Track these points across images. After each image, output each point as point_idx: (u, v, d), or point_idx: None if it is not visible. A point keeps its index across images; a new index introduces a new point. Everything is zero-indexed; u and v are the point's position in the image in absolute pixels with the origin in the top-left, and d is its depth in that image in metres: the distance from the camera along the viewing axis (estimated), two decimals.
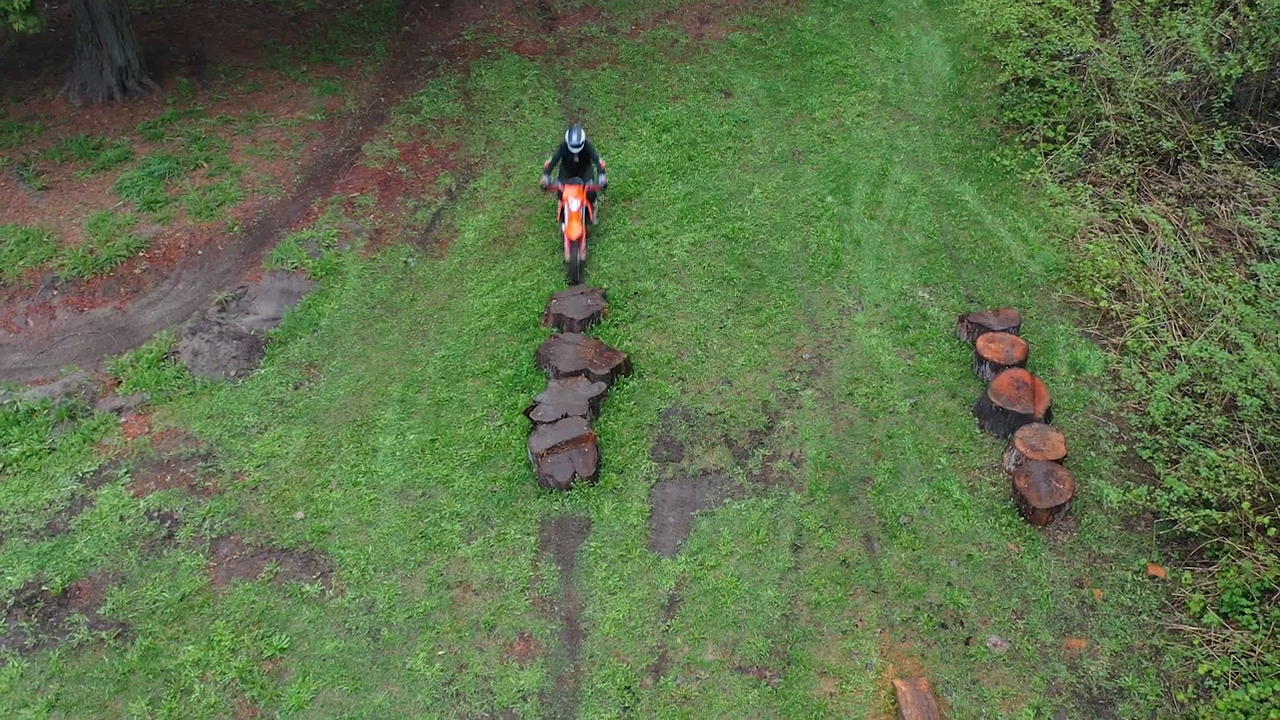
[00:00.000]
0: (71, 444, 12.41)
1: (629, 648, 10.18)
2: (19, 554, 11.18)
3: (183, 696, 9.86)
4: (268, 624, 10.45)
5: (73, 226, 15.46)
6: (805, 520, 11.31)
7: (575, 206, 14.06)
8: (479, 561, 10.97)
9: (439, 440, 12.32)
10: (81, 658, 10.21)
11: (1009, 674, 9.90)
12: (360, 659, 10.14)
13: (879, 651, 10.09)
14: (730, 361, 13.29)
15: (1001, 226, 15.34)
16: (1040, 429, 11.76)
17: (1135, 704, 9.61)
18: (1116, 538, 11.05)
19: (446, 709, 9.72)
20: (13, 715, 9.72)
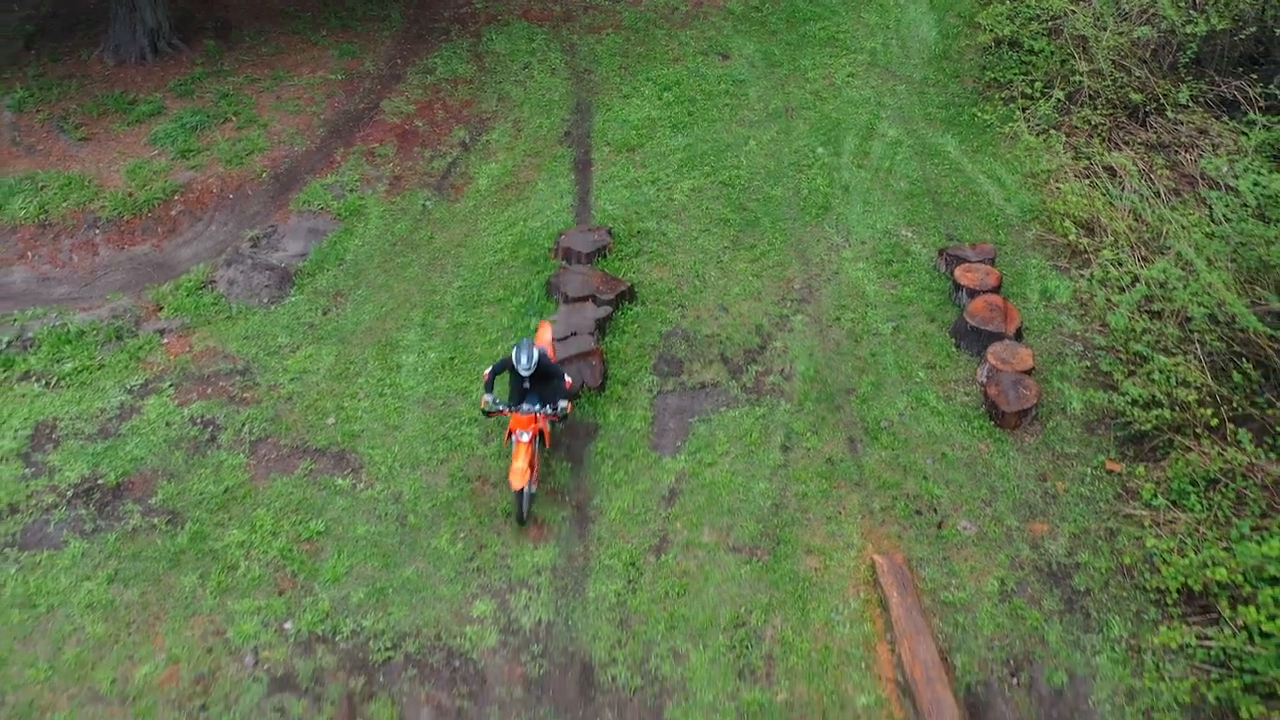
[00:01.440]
0: (119, 361, 13.39)
1: (633, 531, 11.15)
2: (75, 454, 12.15)
3: (230, 571, 10.83)
4: (305, 511, 11.43)
5: (111, 173, 16.43)
6: (794, 425, 12.28)
7: (525, 438, 10.93)
8: (496, 459, 11.94)
9: (457, 358, 13.29)
10: (136, 540, 11.18)
11: (977, 552, 10.88)
12: (389, 540, 11.12)
13: (860, 533, 11.06)
14: (726, 291, 14.25)
15: (980, 173, 16.32)
16: (1010, 345, 12.74)
17: (1090, 576, 10.59)
18: (1078, 439, 12.03)
19: (469, 581, 10.69)
20: (76, 586, 10.70)
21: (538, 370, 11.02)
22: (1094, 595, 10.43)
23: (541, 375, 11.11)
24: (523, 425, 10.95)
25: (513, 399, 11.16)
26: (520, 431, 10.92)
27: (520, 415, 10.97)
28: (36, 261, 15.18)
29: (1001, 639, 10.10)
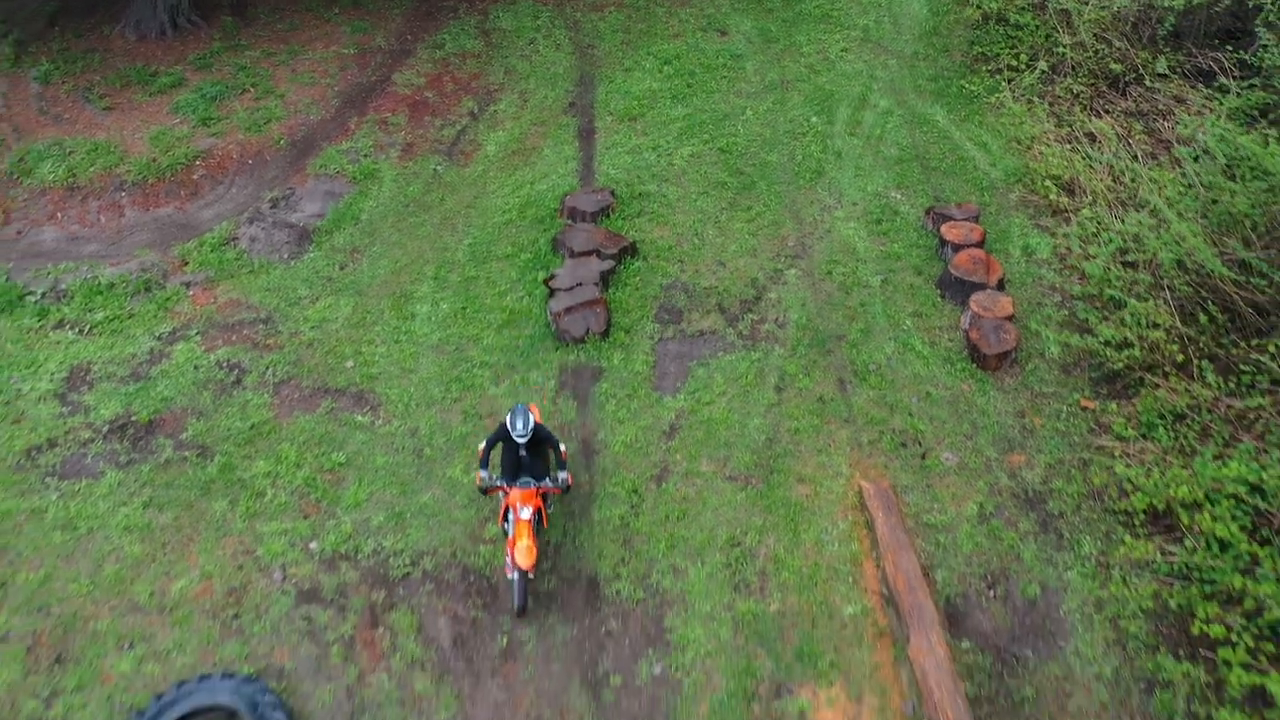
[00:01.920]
0: (148, 310, 14.06)
1: (636, 462, 11.82)
2: (109, 394, 12.82)
3: (257, 498, 11.50)
4: (327, 445, 12.10)
5: (136, 140, 17.10)
6: (787, 368, 12.94)
7: (526, 515, 10.22)
8: (506, 398, 12.61)
9: (469, 308, 13.96)
10: (168, 471, 11.86)
11: (958, 480, 11.55)
12: (407, 470, 11.79)
13: (848, 464, 11.74)
14: (724, 248, 14.91)
15: (967, 140, 16.98)
16: (992, 294, 13.41)
17: (1063, 501, 11.26)
18: (1054, 379, 12.70)
19: (482, 506, 11.36)
20: (114, 511, 11.37)
21: (533, 438, 10.54)
22: (1066, 518, 11.11)
23: (537, 443, 10.65)
24: (523, 500, 10.29)
25: (506, 473, 10.59)
26: (521, 507, 10.23)
27: (519, 490, 10.33)
28: (66, 222, 15.84)
29: (980, 556, 10.77)
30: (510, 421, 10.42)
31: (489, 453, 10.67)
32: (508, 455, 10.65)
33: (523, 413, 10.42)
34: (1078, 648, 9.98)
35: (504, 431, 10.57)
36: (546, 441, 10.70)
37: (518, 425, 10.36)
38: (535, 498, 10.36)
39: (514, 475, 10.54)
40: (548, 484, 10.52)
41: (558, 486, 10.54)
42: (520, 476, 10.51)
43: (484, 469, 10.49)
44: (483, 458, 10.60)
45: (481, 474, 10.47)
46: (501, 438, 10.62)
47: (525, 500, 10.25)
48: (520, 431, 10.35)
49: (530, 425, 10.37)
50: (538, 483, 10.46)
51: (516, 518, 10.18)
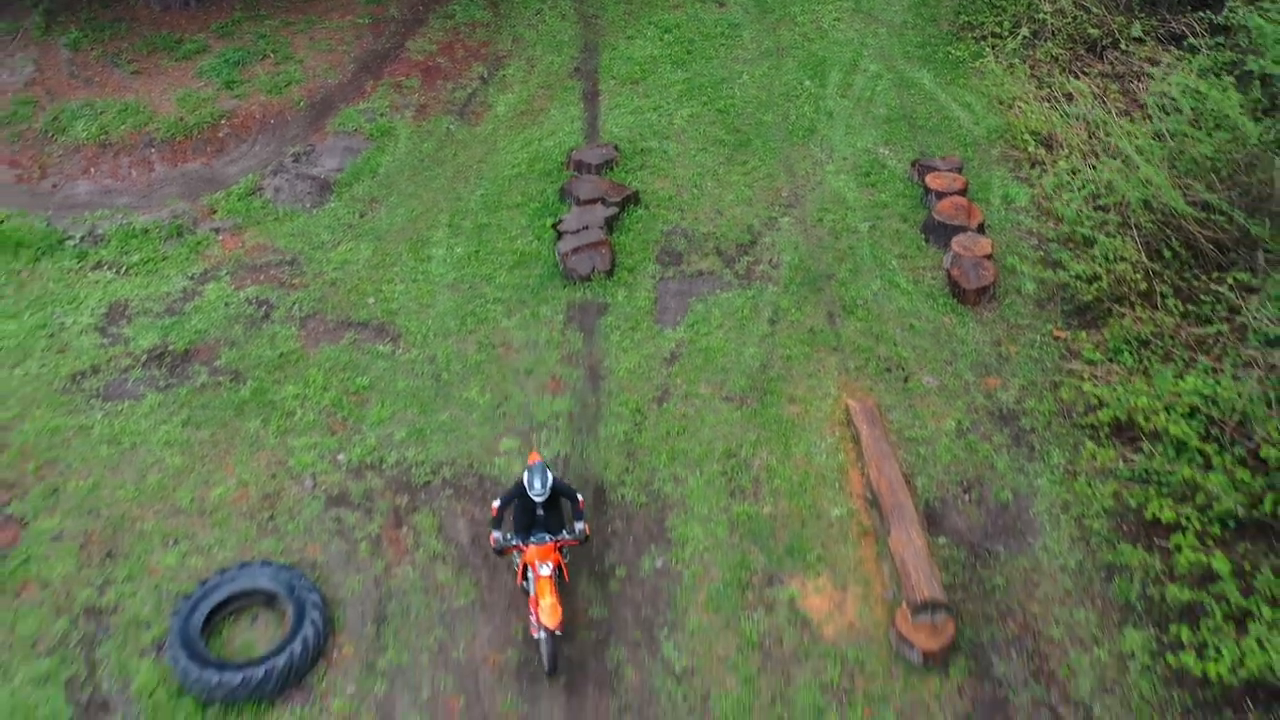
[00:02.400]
0: (180, 253, 14.87)
1: (639, 386, 12.64)
2: (146, 327, 13.63)
3: (288, 417, 12.31)
4: (351, 371, 12.91)
5: (164, 101, 17.91)
6: (780, 303, 13.76)
7: (546, 571, 9.74)
8: (518, 330, 13.42)
9: (481, 251, 14.77)
10: (204, 394, 12.67)
11: (938, 401, 12.37)
12: (426, 392, 12.61)
13: (836, 386, 12.56)
14: (721, 198, 15.72)
15: (952, 101, 17.79)
16: (972, 235, 14.22)
17: (1035, 418, 12.08)
18: (1029, 313, 13.51)
19: (496, 423, 12.18)
20: (155, 428, 12.18)
21: (551, 494, 10.04)
22: (1038, 433, 11.93)
23: (553, 498, 10.16)
24: (541, 557, 9.82)
25: (520, 530, 10.10)
26: (540, 565, 9.78)
27: (536, 547, 9.87)
28: (98, 176, 16.65)
29: (957, 466, 11.60)
30: (528, 481, 9.94)
31: (503, 511, 10.15)
32: (523, 513, 10.15)
33: (540, 471, 9.96)
34: (1045, 543, 10.81)
35: (520, 490, 10.06)
36: (563, 494, 10.26)
37: (535, 485, 9.90)
38: (554, 552, 9.89)
39: (528, 532, 10.06)
40: (565, 537, 10.04)
41: (575, 538, 10.07)
42: (535, 532, 10.00)
43: (498, 529, 10.02)
44: (496, 516, 10.09)
45: (495, 535, 9.97)
46: (517, 496, 10.12)
47: (544, 556, 9.80)
48: (539, 491, 9.90)
49: (549, 484, 9.93)
50: (554, 537, 9.99)
51: (536, 575, 9.74)
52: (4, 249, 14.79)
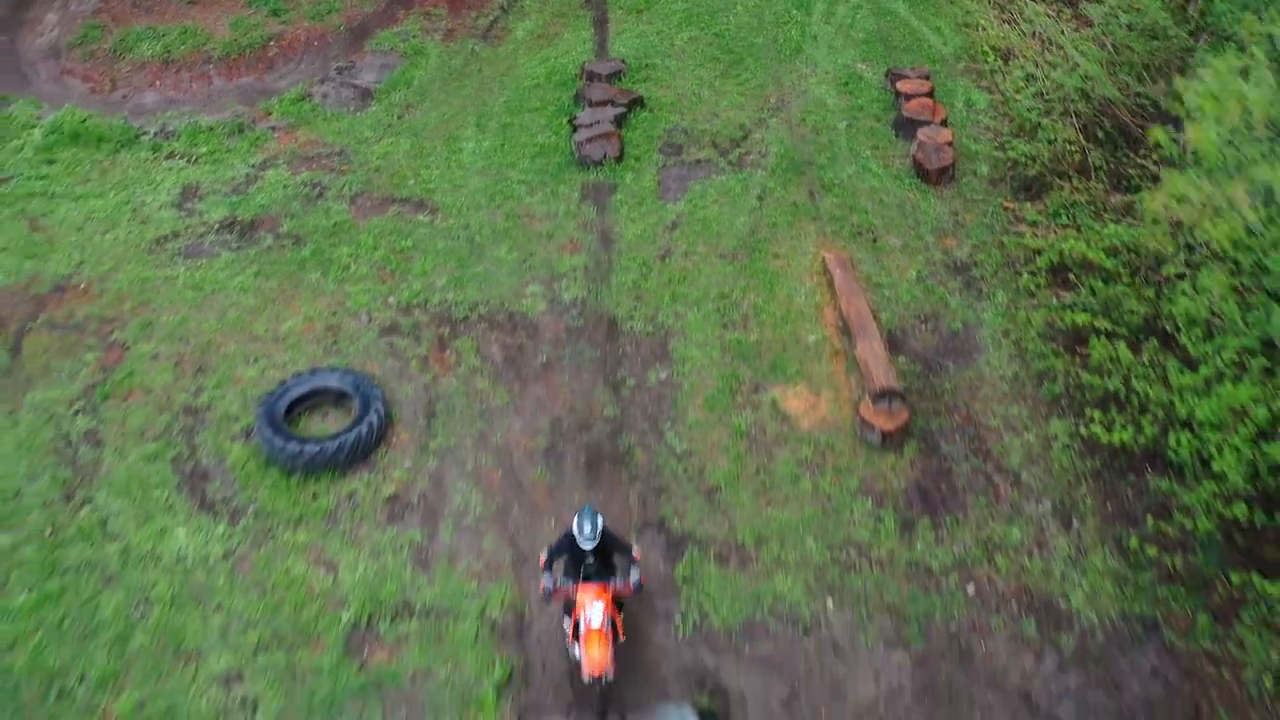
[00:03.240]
0: (242, 146, 16.72)
1: (645, 246, 14.47)
2: (216, 203, 15.48)
3: (344, 270, 14.16)
4: (396, 235, 14.76)
5: (218, 25, 19.74)
6: (768, 184, 15.61)
7: (597, 622, 8.87)
8: (539, 204, 15.27)
9: (506, 144, 16.61)
10: (271, 253, 14.51)
11: (901, 256, 14.22)
12: (462, 250, 14.46)
13: (814, 245, 14.42)
14: (716, 104, 17.56)
15: (924, 26, 19.62)
16: (936, 128, 16.07)
17: (984, 268, 13.93)
18: (983, 190, 15.37)
19: (523, 274, 14.04)
20: (231, 278, 14.03)
21: (601, 543, 9.10)
22: (985, 279, 13.80)
23: (605, 551, 9.24)
24: (593, 598, 8.95)
25: (570, 578, 9.27)
26: (590, 607, 8.90)
27: (588, 586, 9.05)
28: (163, 89, 18.49)
29: (916, 304, 13.47)
30: (577, 525, 9.04)
31: (552, 562, 9.25)
32: (571, 566, 9.26)
33: (590, 516, 9.04)
34: (987, 359, 12.69)
35: (568, 542, 9.18)
36: (615, 547, 9.29)
37: (585, 529, 8.98)
38: (605, 593, 9.00)
39: (577, 577, 9.24)
40: (617, 583, 9.09)
41: (629, 586, 9.07)
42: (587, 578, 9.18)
43: (547, 573, 9.16)
44: (545, 565, 9.24)
45: (545, 580, 9.10)
46: (566, 549, 9.23)
47: (596, 597, 8.90)
48: (588, 536, 8.96)
49: (599, 529, 8.99)
50: (610, 579, 9.14)
51: (587, 628, 8.82)
52: (87, 143, 16.63)
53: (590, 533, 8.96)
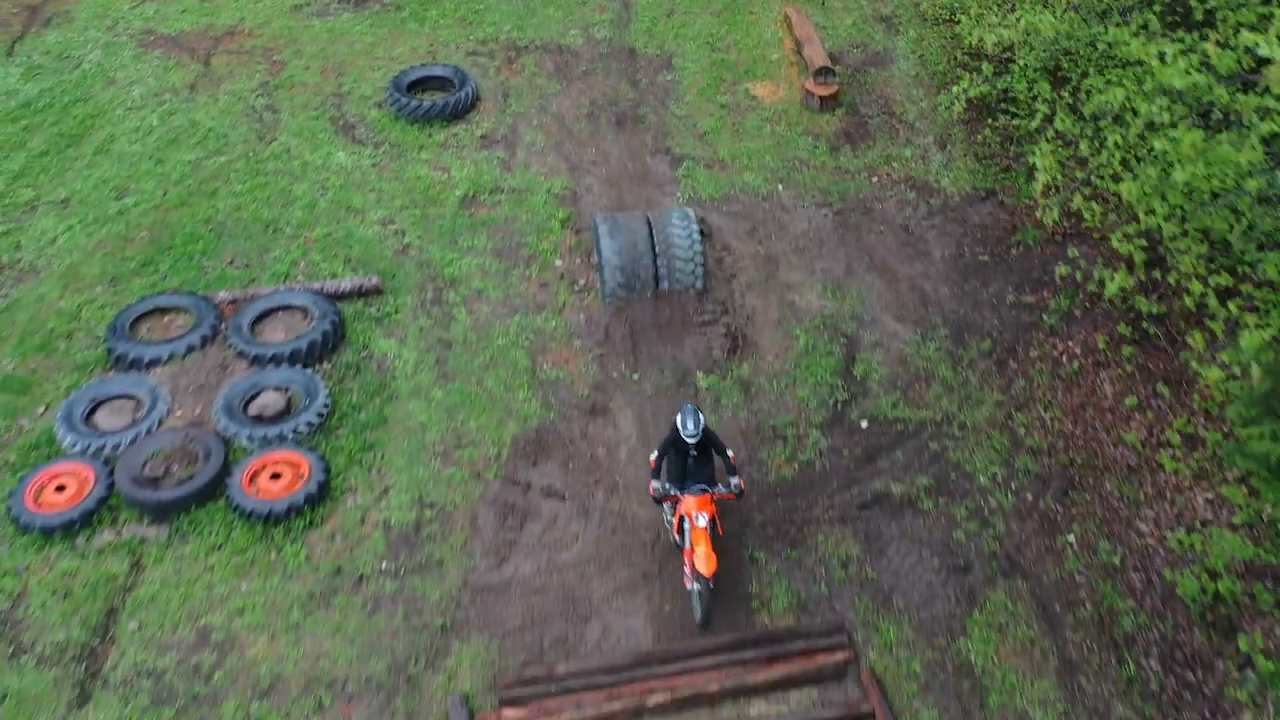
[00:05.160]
0: None
1: (654, 7, 19.35)
2: None
3: (434, 23, 19.00)
4: (470, 5, 19.68)
5: None
6: None
7: (703, 522, 9.77)
8: None
9: None
10: (379, 14, 19.39)
11: (842, 13, 19.08)
12: (520, 10, 19.25)
13: (779, 6, 19.33)
14: None
15: None
16: None
17: (901, 18, 18.81)
18: None
19: (566, 24, 18.92)
20: (352, 27, 18.91)
21: (703, 439, 10.08)
22: (902, 24, 18.68)
23: (704, 449, 10.20)
24: (698, 507, 9.83)
25: (674, 481, 10.16)
26: (696, 514, 9.79)
27: (694, 497, 9.88)
28: None
29: (850, 38, 18.34)
30: (681, 421, 10.03)
31: (660, 462, 10.33)
32: (675, 462, 10.24)
33: (692, 412, 10.04)
34: (898, 66, 17.61)
35: (674, 436, 10.16)
36: (714, 447, 10.30)
37: (688, 425, 9.97)
38: (710, 504, 9.91)
39: (682, 482, 10.14)
40: (721, 489, 10.09)
41: (731, 492, 10.08)
42: (691, 483, 10.06)
43: (656, 479, 10.20)
44: (654, 467, 10.34)
45: (655, 484, 10.11)
46: (671, 444, 10.23)
47: (701, 507, 9.83)
48: (691, 431, 9.96)
49: (701, 425, 10.00)
50: (711, 488, 10.05)
51: (693, 525, 9.78)
52: None
53: (694, 428, 9.96)
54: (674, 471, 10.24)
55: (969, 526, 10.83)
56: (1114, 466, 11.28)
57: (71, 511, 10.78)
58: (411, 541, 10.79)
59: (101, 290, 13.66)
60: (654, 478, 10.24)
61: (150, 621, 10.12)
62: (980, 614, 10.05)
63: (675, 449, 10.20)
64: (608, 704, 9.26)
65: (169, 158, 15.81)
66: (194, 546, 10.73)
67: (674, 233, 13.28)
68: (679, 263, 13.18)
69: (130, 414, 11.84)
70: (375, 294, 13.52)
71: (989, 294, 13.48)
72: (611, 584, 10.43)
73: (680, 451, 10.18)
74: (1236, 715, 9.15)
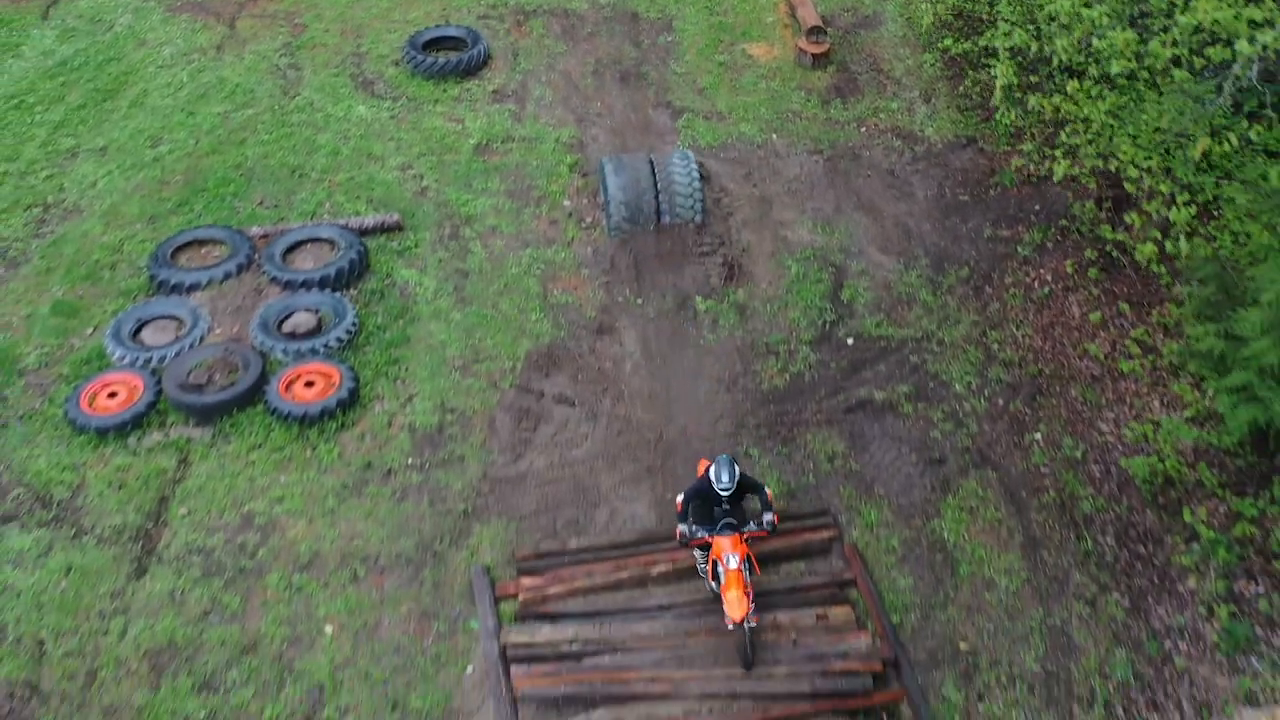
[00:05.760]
0: None
1: None
2: None
3: None
4: None
5: None
6: None
7: (734, 564, 9.35)
8: None
9: None
10: None
11: None
12: None
13: None
14: None
15: None
16: None
17: None
18: None
19: None
20: None
21: (737, 488, 9.48)
22: None
23: (740, 494, 9.59)
24: (728, 549, 9.39)
25: (703, 523, 9.62)
26: (727, 556, 9.35)
27: (725, 538, 9.45)
28: None
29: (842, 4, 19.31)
30: (715, 474, 9.42)
31: (688, 506, 9.72)
32: (705, 507, 9.67)
33: (727, 464, 9.44)
34: (887, 28, 18.60)
35: (705, 485, 9.55)
36: (749, 489, 9.70)
37: (723, 479, 9.38)
38: (742, 543, 9.48)
39: (711, 524, 9.61)
40: (753, 528, 9.57)
41: (764, 529, 9.60)
42: (719, 523, 9.54)
43: (683, 522, 9.62)
44: (681, 511, 9.71)
45: (681, 528, 9.57)
46: (702, 491, 9.62)
47: (733, 548, 9.39)
48: (725, 485, 9.38)
49: (736, 477, 9.42)
50: (743, 527, 9.55)
51: (725, 569, 9.33)
52: None
53: (728, 481, 9.37)
54: (702, 515, 9.70)
55: (944, 427, 11.83)
56: (1079, 376, 12.28)
57: (123, 414, 11.78)
58: (435, 441, 11.79)
59: (141, 227, 14.66)
60: (680, 521, 9.64)
61: (198, 508, 11.13)
62: (953, 499, 11.05)
63: (705, 496, 9.63)
64: (615, 573, 10.26)
65: (199, 110, 16.81)
66: (236, 445, 11.73)
67: (674, 171, 14.27)
68: (679, 198, 14.18)
69: (173, 332, 12.83)
70: (397, 230, 14.51)
71: (968, 229, 14.48)
72: (618, 476, 11.43)
73: (711, 499, 9.61)
74: (1181, 579, 10.15)
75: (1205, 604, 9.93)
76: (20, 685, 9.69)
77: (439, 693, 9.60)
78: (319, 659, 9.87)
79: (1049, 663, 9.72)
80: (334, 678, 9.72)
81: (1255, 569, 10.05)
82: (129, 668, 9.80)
